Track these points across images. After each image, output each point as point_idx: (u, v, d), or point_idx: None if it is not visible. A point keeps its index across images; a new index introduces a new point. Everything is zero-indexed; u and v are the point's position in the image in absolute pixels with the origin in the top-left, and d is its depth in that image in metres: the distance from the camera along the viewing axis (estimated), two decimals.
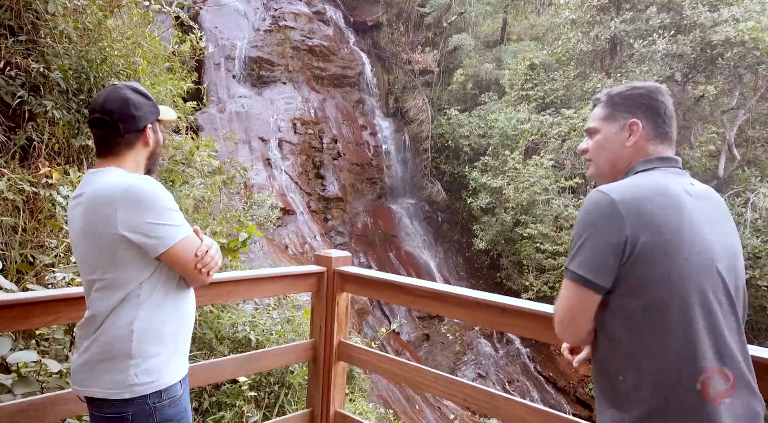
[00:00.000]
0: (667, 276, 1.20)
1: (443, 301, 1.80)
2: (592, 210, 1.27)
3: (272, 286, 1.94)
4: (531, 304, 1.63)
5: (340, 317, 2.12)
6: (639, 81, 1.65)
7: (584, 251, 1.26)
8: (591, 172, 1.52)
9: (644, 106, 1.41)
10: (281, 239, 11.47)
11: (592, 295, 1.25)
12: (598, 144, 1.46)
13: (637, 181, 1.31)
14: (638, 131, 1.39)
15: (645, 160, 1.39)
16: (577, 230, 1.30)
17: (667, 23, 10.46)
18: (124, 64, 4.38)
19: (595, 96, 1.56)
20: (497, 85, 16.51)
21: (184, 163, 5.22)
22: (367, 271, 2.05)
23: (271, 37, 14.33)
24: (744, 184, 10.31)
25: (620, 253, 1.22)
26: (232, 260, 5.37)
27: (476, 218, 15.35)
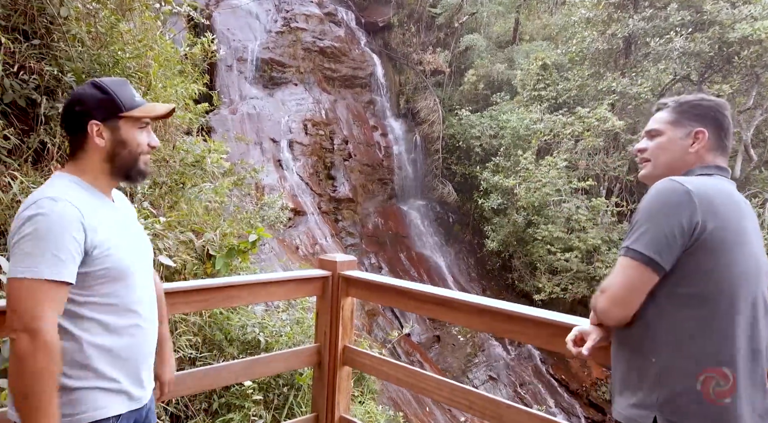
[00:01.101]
0: (726, 268, 1.29)
1: (449, 308, 1.78)
2: (666, 194, 1.33)
3: (277, 290, 1.94)
4: (538, 312, 1.61)
5: (345, 322, 2.11)
6: (706, 94, 1.70)
7: (651, 232, 1.31)
8: (646, 172, 1.57)
9: (711, 118, 1.49)
10: (292, 240, 11.52)
11: (652, 275, 1.31)
12: (661, 146, 1.53)
13: (703, 181, 1.38)
14: (703, 140, 1.47)
15: (703, 166, 1.46)
16: (644, 212, 1.35)
17: (686, 21, 10.30)
18: (136, 66, 4.42)
19: (661, 101, 1.62)
20: (509, 86, 16.40)
21: (194, 165, 5.25)
22: (372, 276, 2.04)
23: (282, 38, 14.40)
24: (761, 185, 10.11)
25: (688, 237, 1.29)
26: (242, 261, 5.41)
27: (488, 219, 15.27)
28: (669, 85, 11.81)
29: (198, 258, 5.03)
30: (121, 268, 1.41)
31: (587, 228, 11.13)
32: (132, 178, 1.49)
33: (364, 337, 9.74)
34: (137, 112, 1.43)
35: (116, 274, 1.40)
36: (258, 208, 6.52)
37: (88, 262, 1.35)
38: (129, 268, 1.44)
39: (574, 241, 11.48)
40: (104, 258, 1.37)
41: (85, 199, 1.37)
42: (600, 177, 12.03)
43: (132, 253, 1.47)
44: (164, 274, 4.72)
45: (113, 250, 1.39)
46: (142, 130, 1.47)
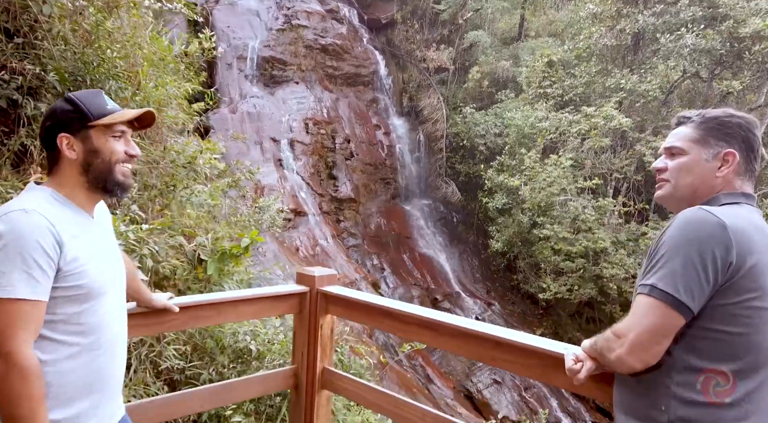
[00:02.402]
0: (763, 315, 1.17)
1: (434, 331, 1.61)
2: (697, 226, 1.19)
3: (248, 309, 1.77)
4: (528, 339, 1.44)
5: (324, 342, 1.94)
6: (734, 109, 1.52)
7: (681, 269, 1.17)
8: (665, 193, 1.43)
9: (741, 138, 1.35)
10: (292, 241, 11.38)
11: (679, 319, 1.18)
12: (684, 166, 1.38)
13: (736, 212, 1.25)
14: (733, 163, 1.33)
15: (729, 193, 1.33)
16: (671, 245, 1.21)
17: (698, 16, 10.03)
18: (124, 65, 4.27)
19: (682, 114, 1.47)
20: (514, 83, 16.17)
21: (186, 166, 5.10)
22: (354, 293, 1.87)
23: (283, 36, 14.24)
24: None
25: (722, 277, 1.17)
26: (235, 266, 5.25)
27: (492, 219, 15.05)
28: (678, 82, 11.54)
29: (189, 263, 4.89)
30: (91, 287, 1.34)
31: (594, 228, 10.89)
32: (110, 190, 1.42)
33: (365, 340, 9.59)
34: (106, 120, 1.39)
35: (86, 294, 1.33)
36: (253, 211, 6.35)
37: (59, 278, 1.28)
38: (101, 287, 1.37)
39: (581, 242, 11.25)
40: (75, 275, 1.30)
41: (59, 213, 1.32)
42: (606, 176, 11.78)
43: (105, 273, 1.40)
44: (153, 281, 4.58)
45: (85, 268, 1.33)
46: (118, 138, 1.42)
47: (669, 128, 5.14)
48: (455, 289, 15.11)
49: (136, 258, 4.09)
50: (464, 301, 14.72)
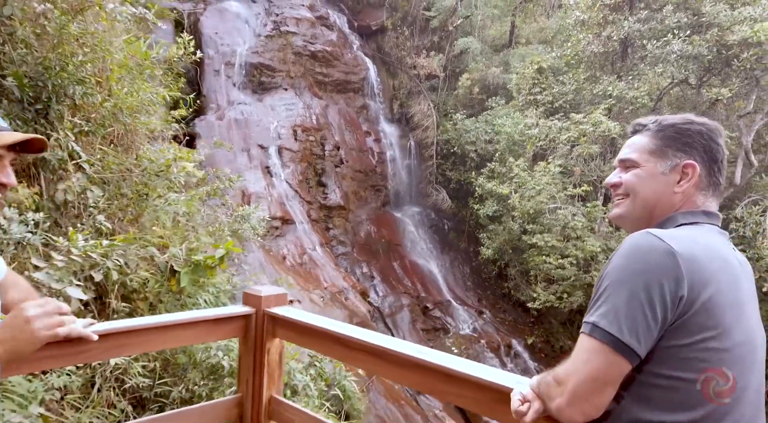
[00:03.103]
0: (716, 355, 1.01)
1: (382, 359, 1.46)
2: (644, 255, 1.02)
3: (184, 334, 1.62)
4: (479, 370, 1.29)
5: (272, 368, 1.78)
6: (694, 115, 1.31)
7: (625, 305, 1.00)
8: (620, 212, 1.27)
9: (702, 148, 1.19)
10: (279, 250, 11.20)
11: (623, 364, 1.01)
12: (639, 181, 1.22)
13: (691, 235, 1.10)
14: (693, 176, 1.18)
15: (689, 212, 1.18)
16: (614, 276, 1.04)
17: (683, 23, 10.02)
18: (92, 70, 4.11)
19: (638, 121, 1.32)
20: (505, 90, 16.13)
21: (159, 175, 4.94)
22: (303, 316, 1.71)
23: (272, 42, 14.13)
24: (762, 192, 9.79)
25: (672, 314, 1.00)
26: (210, 277, 5.08)
27: (483, 226, 14.95)
28: (667, 89, 11.52)
29: (162, 275, 4.72)
30: None
31: (583, 236, 10.79)
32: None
33: None
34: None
35: None
36: (232, 220, 6.19)
37: None
38: None
39: (570, 250, 11.14)
40: None
41: None
42: (596, 183, 11.70)
43: None
44: (120, 294, 4.40)
45: None
46: None
47: None
48: (446, 298, 14.96)
49: (100, 271, 3.92)
50: (455, 310, 14.57)
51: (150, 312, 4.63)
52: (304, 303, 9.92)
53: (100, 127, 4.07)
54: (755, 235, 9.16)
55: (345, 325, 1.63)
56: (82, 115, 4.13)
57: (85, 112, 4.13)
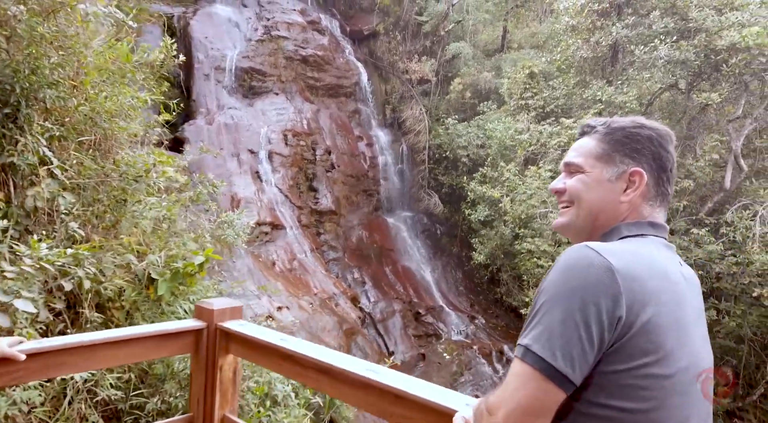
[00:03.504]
0: (656, 382, 0.92)
1: (332, 377, 1.38)
2: (582, 273, 0.93)
3: (128, 351, 1.52)
4: (431, 392, 1.21)
5: (225, 386, 1.69)
6: (644, 117, 1.20)
7: (559, 328, 0.91)
8: (563, 221, 1.18)
9: (651, 155, 1.12)
10: (269, 255, 11.08)
11: (557, 393, 0.91)
12: (584, 188, 1.14)
13: (633, 250, 1.01)
14: (641, 185, 1.10)
15: (634, 223, 1.10)
16: (549, 293, 0.95)
17: (670, 28, 10.04)
18: (63, 74, 4.02)
19: (587, 122, 1.23)
20: (497, 94, 16.13)
21: (137, 180, 4.84)
22: (256, 332, 1.62)
23: (263, 47, 14.07)
24: (752, 196, 9.77)
25: (609, 336, 0.91)
26: (190, 285, 4.97)
27: (475, 231, 14.90)
28: (658, 93, 11.51)
29: (139, 282, 4.61)
30: None
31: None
32: None
33: None
34: None
35: None
36: (216, 226, 6.09)
37: None
38: None
39: None
40: None
41: None
42: None
43: None
44: (95, 303, 4.29)
45: None
46: None
47: None
48: (438, 303, 14.88)
49: (70, 280, 3.82)
50: (447, 315, 14.48)
51: (127, 321, 4.52)
52: (293, 309, 9.81)
53: (72, 132, 3.97)
54: (745, 240, 9.13)
55: (298, 342, 1.55)
56: (54, 119, 4.04)
57: (57, 116, 4.03)
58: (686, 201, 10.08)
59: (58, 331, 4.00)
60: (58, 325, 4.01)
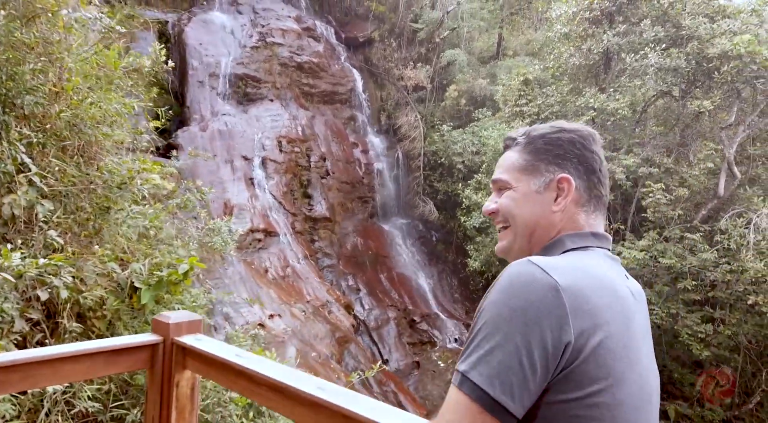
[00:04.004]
0: (607, 410, 0.84)
1: (283, 396, 1.32)
2: (524, 293, 0.85)
3: (73, 368, 1.46)
4: (382, 414, 1.16)
5: (182, 404, 1.63)
6: (567, 121, 1.14)
7: (499, 353, 0.83)
8: (503, 245, 1.11)
9: (576, 158, 1.06)
10: (261, 262, 11.02)
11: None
12: (514, 203, 1.08)
13: (579, 265, 0.94)
14: (570, 191, 1.04)
15: (576, 235, 1.03)
16: (489, 315, 0.86)
17: (661, 36, 10.07)
18: (42, 80, 3.98)
19: (508, 134, 1.17)
20: (492, 101, 16.14)
21: (121, 187, 4.79)
22: (213, 347, 1.56)
23: (258, 53, 14.08)
24: (746, 204, 9.75)
25: (553, 364, 0.83)
26: (174, 294, 4.91)
27: (471, 238, 14.85)
28: (652, 100, 11.52)
29: (122, 291, 4.55)
30: None
31: None
32: None
33: (333, 367, 9.20)
34: None
35: None
36: (203, 234, 6.03)
37: None
38: None
39: None
40: None
41: None
42: None
43: None
44: (75, 312, 4.23)
45: None
46: None
47: (641, 146, 4.84)
48: (433, 310, 14.79)
49: (47, 290, 3.76)
50: (442, 323, 14.40)
51: (108, 331, 4.45)
52: (285, 317, 9.73)
53: (51, 139, 3.92)
54: (740, 248, 9.09)
55: (254, 358, 1.49)
56: (35, 125, 3.99)
57: (37, 122, 3.99)
58: (681, 209, 10.05)
59: (36, 342, 3.94)
60: (36, 335, 3.95)
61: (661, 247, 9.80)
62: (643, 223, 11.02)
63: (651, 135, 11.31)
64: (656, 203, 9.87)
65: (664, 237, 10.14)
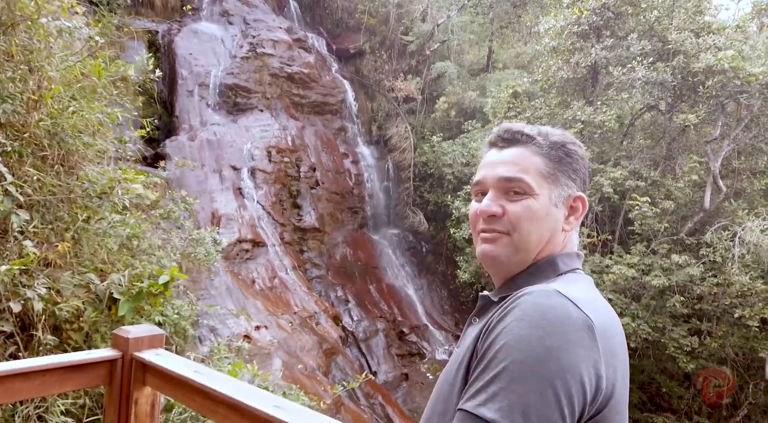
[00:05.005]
0: None
1: (240, 415, 1.28)
2: (561, 330, 0.74)
3: (23, 386, 1.41)
4: None
5: (141, 421, 1.57)
6: (556, 127, 1.06)
7: (538, 403, 0.71)
8: (497, 253, 0.96)
9: (584, 177, 0.98)
10: (249, 273, 10.91)
11: None
12: (531, 215, 0.93)
13: (591, 296, 0.85)
14: (583, 212, 0.97)
15: (566, 255, 0.95)
16: (521, 355, 0.74)
17: (648, 50, 10.21)
18: (22, 87, 3.93)
19: (517, 128, 1.01)
20: (481, 113, 16.25)
21: (101, 197, 4.72)
22: (173, 364, 1.52)
23: (248, 64, 14.09)
24: (731, 217, 9.83)
25: (586, 416, 0.74)
26: (154, 305, 4.83)
27: (460, 249, 14.84)
28: (639, 113, 11.65)
29: (100, 303, 4.47)
30: None
31: None
32: None
33: (320, 379, 9.09)
34: None
35: None
36: (187, 244, 5.96)
37: None
38: None
39: None
40: None
41: None
42: None
43: None
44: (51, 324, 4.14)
45: None
46: None
47: (629, 159, 4.80)
48: (423, 322, 14.72)
49: (19, 301, 3.68)
50: (432, 334, 14.32)
51: (86, 343, 4.36)
52: (272, 328, 9.62)
53: (29, 147, 3.86)
54: (725, 261, 9.14)
55: (212, 375, 1.45)
56: (11, 134, 3.93)
57: (14, 131, 3.93)
58: (667, 222, 10.11)
59: (9, 354, 3.84)
60: (9, 348, 3.85)
61: (649, 261, 9.83)
62: (630, 236, 11.07)
63: (638, 148, 11.42)
64: (642, 216, 9.92)
65: (651, 249, 10.19)
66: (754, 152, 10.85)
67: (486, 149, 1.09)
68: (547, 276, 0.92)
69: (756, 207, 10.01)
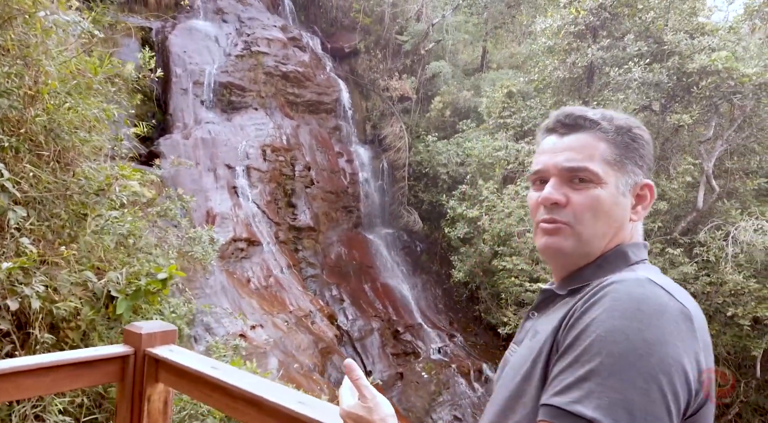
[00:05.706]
0: None
1: (260, 410, 1.26)
2: (658, 321, 0.70)
3: (35, 382, 1.38)
4: None
5: (154, 418, 1.55)
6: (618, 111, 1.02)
7: (643, 399, 0.66)
8: (564, 246, 0.91)
9: (650, 163, 0.94)
10: (244, 272, 10.85)
11: None
12: (599, 205, 0.88)
13: (674, 284, 0.81)
14: (651, 201, 0.93)
15: (635, 245, 0.91)
16: (618, 348, 0.69)
17: (644, 51, 10.28)
18: (18, 82, 3.87)
19: (579, 112, 0.96)
20: (476, 113, 16.29)
21: (98, 194, 4.67)
22: (188, 359, 1.49)
23: (242, 62, 14.01)
24: (724, 217, 9.93)
25: (689, 412, 0.70)
26: (152, 304, 4.79)
27: (455, 248, 14.87)
28: (633, 114, 11.74)
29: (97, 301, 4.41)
30: None
31: None
32: None
33: (316, 378, 9.06)
34: None
35: None
36: (183, 243, 5.91)
37: None
38: None
39: (539, 273, 11.07)
40: None
41: None
42: None
43: None
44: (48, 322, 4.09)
45: None
46: None
47: None
48: (417, 321, 14.71)
49: (16, 299, 3.63)
50: (426, 333, 14.32)
51: (83, 342, 4.31)
52: (267, 328, 9.57)
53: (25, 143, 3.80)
54: (718, 260, 9.23)
55: (230, 370, 1.43)
56: (8, 129, 3.87)
57: (11, 126, 3.87)
58: (660, 222, 10.19)
59: (5, 353, 3.78)
60: (5, 347, 3.79)
61: None
62: None
63: None
64: None
65: None
66: (746, 152, 10.97)
67: (543, 135, 1.03)
68: (618, 267, 0.88)
69: (749, 207, 10.12)
